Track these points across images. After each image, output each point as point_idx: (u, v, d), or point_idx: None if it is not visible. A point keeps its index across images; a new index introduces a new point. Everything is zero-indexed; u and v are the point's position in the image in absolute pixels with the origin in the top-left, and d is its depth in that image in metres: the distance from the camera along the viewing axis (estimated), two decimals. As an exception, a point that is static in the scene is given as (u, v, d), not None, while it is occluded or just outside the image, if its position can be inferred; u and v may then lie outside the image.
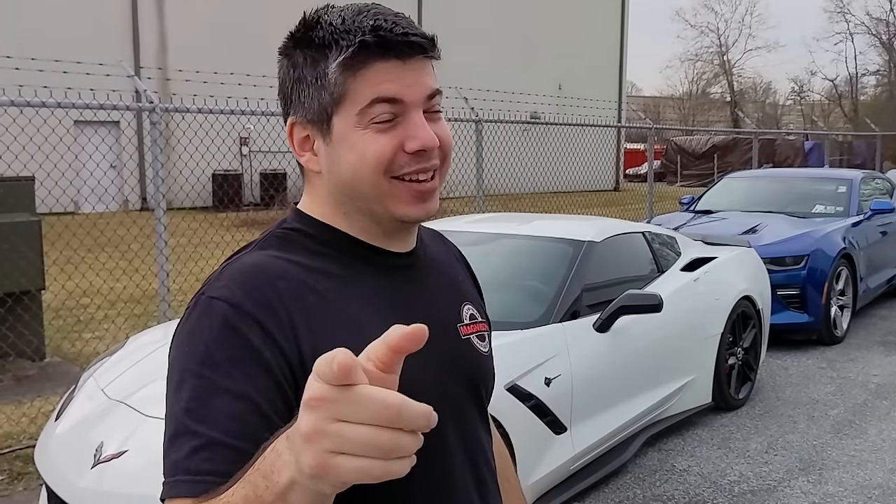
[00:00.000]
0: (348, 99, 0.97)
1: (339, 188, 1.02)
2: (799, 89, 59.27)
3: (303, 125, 1.02)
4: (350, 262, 1.03)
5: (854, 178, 8.69)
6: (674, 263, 5.25)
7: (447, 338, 1.10)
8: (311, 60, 0.98)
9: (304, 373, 0.87)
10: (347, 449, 0.61)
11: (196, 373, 0.89)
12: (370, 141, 0.97)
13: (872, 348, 6.92)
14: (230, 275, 0.96)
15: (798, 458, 4.55)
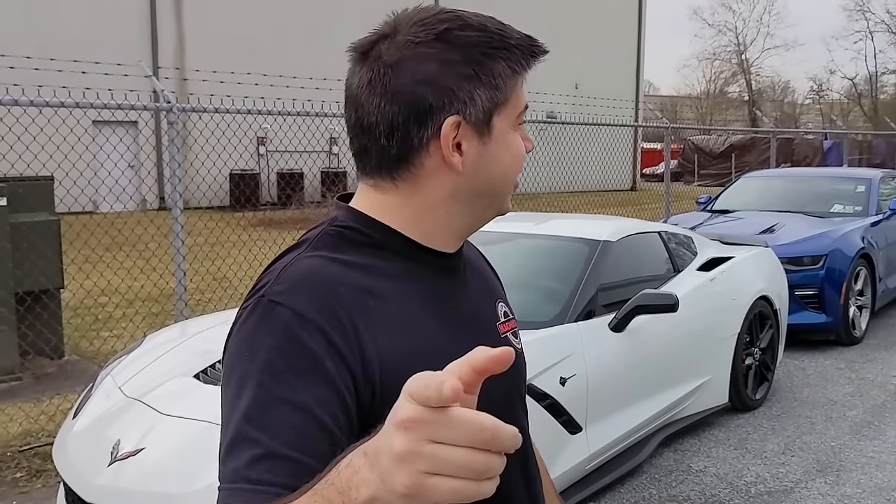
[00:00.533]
0: (510, 102, 1.01)
1: (475, 188, 1.02)
2: (818, 88, 58.81)
3: (463, 124, 0.99)
4: (403, 262, 1.03)
5: (873, 178, 8.61)
6: (690, 263, 5.22)
7: (491, 337, 1.11)
8: (483, 59, 0.98)
9: (367, 380, 0.91)
10: (442, 470, 0.62)
11: (257, 380, 0.88)
12: (518, 142, 1.04)
13: (892, 349, 6.86)
14: (290, 279, 0.95)
15: (815, 460, 4.52)
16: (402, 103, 0.97)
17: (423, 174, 1.00)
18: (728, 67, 58.51)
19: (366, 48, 1.00)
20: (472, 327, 1.08)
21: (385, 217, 1.03)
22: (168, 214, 5.59)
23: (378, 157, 1.01)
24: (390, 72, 0.97)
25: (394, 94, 0.97)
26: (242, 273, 7.62)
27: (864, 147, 28.89)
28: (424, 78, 0.96)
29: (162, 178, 18.65)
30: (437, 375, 0.62)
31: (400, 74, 0.97)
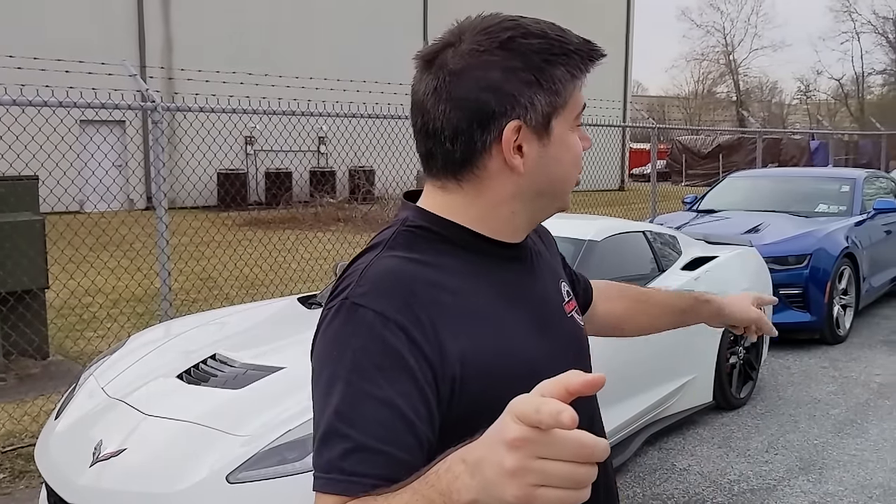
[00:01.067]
0: (569, 104, 1.05)
1: (537, 188, 1.08)
2: (805, 89, 59.10)
3: (523, 128, 1.04)
4: (473, 256, 1.09)
5: (857, 178, 8.66)
6: (674, 262, 5.25)
7: (562, 321, 1.19)
8: (541, 66, 1.03)
9: (446, 373, 0.98)
10: (549, 482, 0.71)
11: (345, 379, 0.95)
12: (576, 142, 1.08)
13: (875, 348, 6.90)
14: (370, 280, 1.01)
15: (798, 458, 4.54)
16: (465, 109, 1.02)
17: (486, 176, 1.06)
18: (716, 68, 58.76)
19: (431, 56, 1.05)
20: (542, 314, 1.15)
21: (453, 216, 1.09)
22: (154, 214, 5.57)
23: (443, 161, 1.06)
24: (455, 79, 1.02)
25: (458, 100, 1.02)
26: (228, 273, 7.60)
27: (851, 147, 29.06)
28: (488, 85, 1.01)
29: (149, 177, 18.57)
30: (549, 402, 0.70)
31: (464, 81, 1.02)
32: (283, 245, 8.29)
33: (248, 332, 4.15)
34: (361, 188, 16.58)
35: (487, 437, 0.75)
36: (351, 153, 9.36)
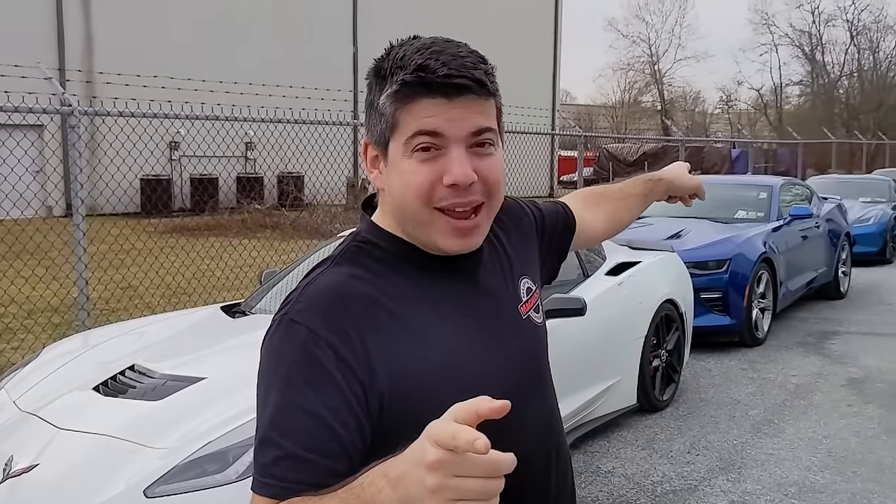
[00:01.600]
0: (398, 128, 1.07)
1: (395, 207, 1.12)
2: (726, 98, 60.94)
3: (372, 146, 1.13)
4: (418, 271, 1.13)
5: (774, 185, 8.96)
6: (599, 268, 5.33)
7: (512, 327, 1.21)
8: (377, 89, 1.09)
9: (375, 389, 1.04)
10: (466, 496, 0.79)
11: (279, 390, 1.03)
12: (414, 169, 1.07)
13: (792, 349, 7.15)
14: (310, 298, 1.08)
15: (719, 458, 4.66)
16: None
17: (379, 190, 1.16)
18: (642, 77, 60.13)
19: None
20: (490, 323, 1.18)
21: (393, 228, 1.14)
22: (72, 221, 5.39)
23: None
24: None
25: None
26: (149, 281, 7.41)
27: (770, 155, 30.08)
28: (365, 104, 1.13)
29: (68, 183, 17.97)
30: (464, 431, 0.77)
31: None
32: (207, 252, 8.12)
33: (169, 341, 4.05)
34: (290, 194, 16.40)
35: (408, 456, 0.83)
36: (279, 159, 9.24)
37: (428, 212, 1.07)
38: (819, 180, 15.37)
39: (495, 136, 1.10)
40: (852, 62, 55.91)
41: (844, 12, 56.06)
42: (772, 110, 57.90)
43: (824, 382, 6.12)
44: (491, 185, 1.09)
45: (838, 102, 54.64)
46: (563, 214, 1.52)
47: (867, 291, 10.06)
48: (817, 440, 4.90)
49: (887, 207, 13.01)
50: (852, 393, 5.84)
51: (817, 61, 56.30)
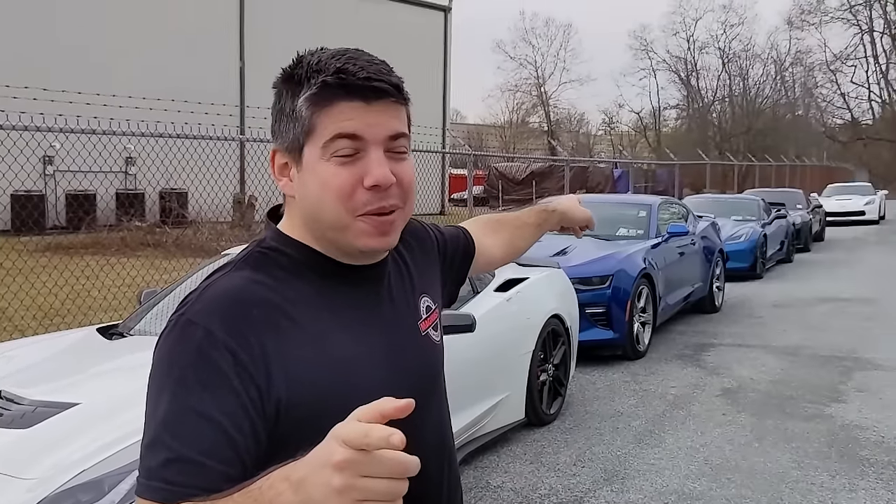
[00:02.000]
0: (315, 132, 1.07)
1: (308, 213, 1.11)
2: (609, 121, 63.28)
3: (282, 153, 1.12)
4: (322, 280, 1.13)
5: (653, 204, 9.34)
6: (488, 284, 5.40)
7: (411, 341, 1.23)
8: (290, 94, 1.09)
9: (272, 395, 1.02)
10: (372, 497, 0.80)
11: (172, 391, 1.00)
12: (333, 172, 1.07)
13: (671, 361, 7.43)
14: (208, 300, 1.06)
15: (603, 469, 4.78)
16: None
17: (287, 198, 1.15)
18: (529, 99, 61.73)
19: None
20: (389, 335, 1.19)
21: (301, 237, 1.14)
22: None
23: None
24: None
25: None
26: (19, 303, 7.01)
27: (649, 175, 31.33)
28: (271, 113, 1.13)
29: (-71, 198, 16.79)
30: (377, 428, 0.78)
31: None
32: (83, 272, 7.75)
33: (40, 366, 3.83)
34: (173, 211, 15.88)
35: (311, 459, 0.83)
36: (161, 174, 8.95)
37: (349, 216, 1.08)
38: (694, 199, 16.14)
39: (409, 142, 1.13)
40: (724, 88, 59.26)
41: (717, 40, 59.55)
42: (651, 132, 60.55)
43: (701, 393, 6.38)
44: (407, 189, 1.12)
45: (711, 126, 57.69)
46: (464, 239, 1.56)
47: (739, 305, 10.60)
48: (695, 449, 5.10)
49: (757, 226, 13.78)
50: (727, 402, 6.12)
51: (692, 86, 59.33)
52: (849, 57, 58.91)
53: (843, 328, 8.88)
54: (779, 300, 10.92)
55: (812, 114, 60.41)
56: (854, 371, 6.98)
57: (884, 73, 59.14)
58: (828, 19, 58.39)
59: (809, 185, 31.11)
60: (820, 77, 59.95)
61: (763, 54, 58.71)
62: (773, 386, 6.54)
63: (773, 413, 5.82)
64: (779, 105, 58.21)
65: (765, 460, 4.89)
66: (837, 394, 6.30)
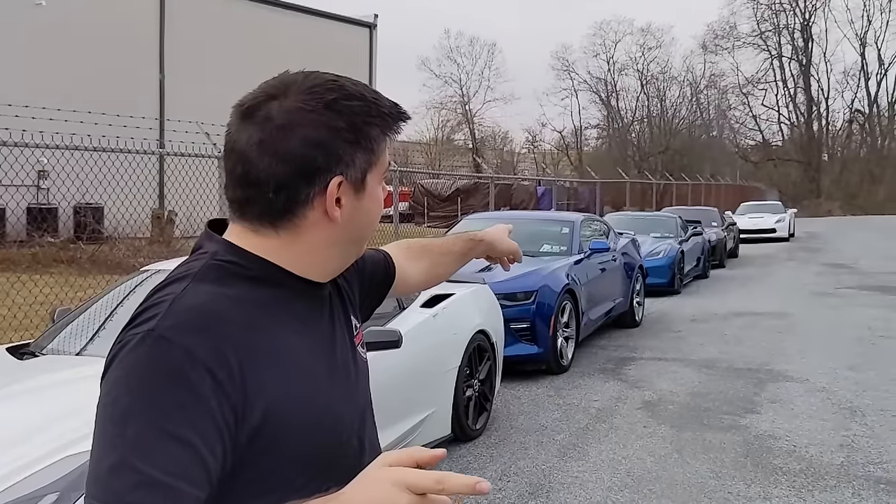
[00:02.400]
0: (380, 161, 1.15)
1: (350, 236, 1.16)
2: (532, 139, 64.28)
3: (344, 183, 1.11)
4: (282, 293, 1.13)
5: (575, 221, 9.52)
6: (414, 300, 5.40)
7: (352, 358, 1.25)
8: (362, 127, 1.11)
9: (247, 414, 1.01)
10: None
11: (143, 412, 0.96)
12: (381, 194, 1.19)
13: (594, 375, 7.56)
14: (181, 315, 1.02)
15: (528, 483, 4.82)
16: (292, 164, 1.07)
17: (305, 225, 1.12)
18: (454, 116, 62.19)
19: (253, 107, 1.10)
20: (338, 349, 1.21)
21: (266, 256, 1.13)
22: None
23: (262, 208, 1.10)
24: (282, 134, 1.07)
25: (285, 154, 1.07)
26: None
27: (571, 193, 31.96)
28: (315, 142, 1.08)
29: None
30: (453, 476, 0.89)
31: (291, 137, 1.07)
32: (-9, 289, 7.43)
33: (-58, 388, 3.64)
34: (88, 226, 15.37)
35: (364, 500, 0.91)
36: (76, 189, 8.67)
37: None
38: (615, 217, 16.53)
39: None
40: (643, 109, 60.93)
41: (635, 63, 61.05)
42: (573, 151, 61.75)
43: (622, 406, 6.51)
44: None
45: (631, 145, 59.23)
46: (384, 263, 1.58)
47: (659, 320, 10.87)
48: (617, 461, 5.19)
49: (675, 242, 14.18)
50: (647, 415, 6.25)
51: (612, 107, 60.86)
52: (760, 81, 61.55)
53: (757, 341, 9.20)
54: (696, 315, 11.25)
55: (726, 135, 62.65)
56: (767, 382, 7.23)
57: (792, 96, 61.94)
58: (740, 44, 60.98)
59: (724, 204, 32.22)
60: (733, 99, 62.41)
61: (679, 77, 60.76)
62: (691, 398, 6.72)
63: (692, 424, 5.98)
64: (694, 126, 60.25)
65: (684, 471, 5.01)
66: (752, 405, 6.51)
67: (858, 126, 62.11)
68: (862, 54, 59.55)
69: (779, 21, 60.62)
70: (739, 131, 63.61)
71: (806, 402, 6.56)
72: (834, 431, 5.80)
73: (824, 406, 6.46)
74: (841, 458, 5.23)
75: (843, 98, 66.02)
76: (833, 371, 7.64)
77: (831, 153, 63.10)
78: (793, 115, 62.41)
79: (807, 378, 7.37)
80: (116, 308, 4.42)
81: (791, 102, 62.00)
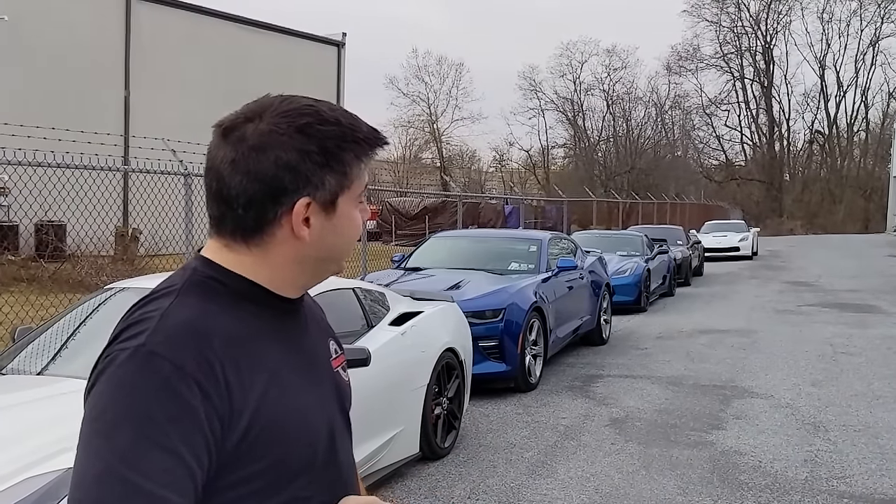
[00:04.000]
0: (355, 184, 1.18)
1: (318, 255, 1.19)
2: (500, 158, 64.57)
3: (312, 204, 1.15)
4: (259, 309, 1.17)
5: (543, 239, 9.57)
6: (383, 318, 5.38)
7: (328, 373, 1.29)
8: (334, 151, 1.15)
9: (233, 425, 1.05)
10: None
11: (134, 425, 0.99)
12: (357, 216, 1.21)
13: (561, 393, 7.58)
14: (170, 330, 1.06)
15: (498, 501, 4.81)
16: (262, 183, 1.12)
17: (274, 242, 1.16)
18: (422, 135, 62.30)
19: (230, 128, 1.15)
20: (314, 364, 1.25)
21: (242, 272, 1.17)
22: None
23: (234, 225, 1.15)
24: (254, 154, 1.12)
25: (256, 174, 1.12)
26: None
27: (539, 211, 32.14)
28: (285, 164, 1.12)
29: None
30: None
31: (262, 158, 1.12)
32: (-50, 308, 7.27)
33: None
34: (50, 244, 15.12)
35: None
36: (38, 206, 8.54)
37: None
38: (582, 235, 16.65)
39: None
40: (609, 128, 61.61)
41: (601, 83, 61.75)
42: (540, 170, 62.16)
43: (590, 423, 6.53)
44: None
45: (597, 164, 59.81)
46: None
47: (625, 338, 10.94)
48: (586, 478, 5.20)
49: (641, 261, 14.31)
50: (615, 432, 6.28)
51: (579, 126, 61.45)
52: (723, 102, 62.65)
53: (722, 358, 9.30)
54: (662, 332, 11.35)
55: (690, 154, 63.60)
56: (733, 399, 7.31)
57: (754, 117, 63.16)
58: (703, 66, 62.05)
59: (688, 222, 32.64)
60: (697, 120, 63.43)
61: (644, 97, 61.57)
62: (658, 415, 6.77)
63: (659, 441, 6.02)
64: (660, 146, 61.03)
65: (652, 487, 5.03)
66: (718, 421, 6.57)
67: (818, 147, 63.45)
68: (821, 76, 61.06)
69: (741, 43, 61.92)
70: (703, 151, 64.67)
71: (771, 418, 6.64)
72: (798, 447, 5.87)
73: (788, 422, 6.55)
74: (805, 473, 5.29)
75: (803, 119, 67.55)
76: (797, 387, 7.74)
77: (792, 173, 64.34)
78: (755, 135, 63.66)
79: (771, 394, 7.46)
80: (79, 327, 4.35)
81: (753, 123, 63.24)
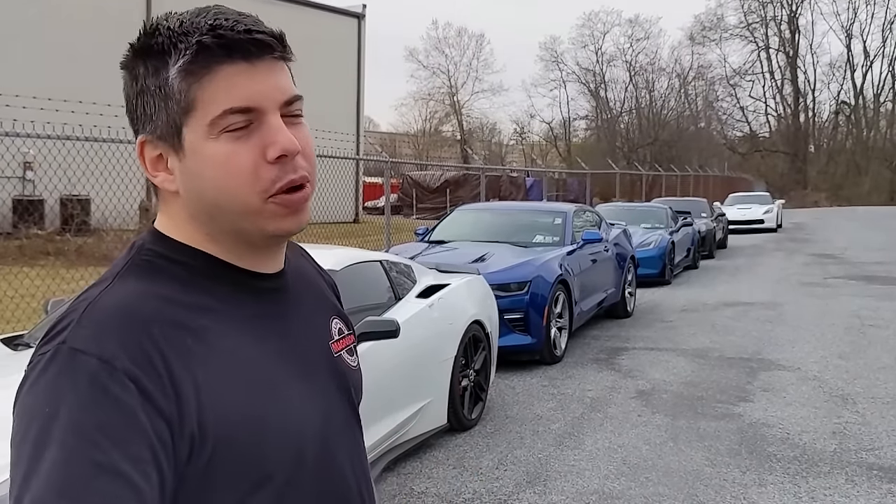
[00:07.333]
0: (197, 108, 0.90)
1: (201, 208, 0.95)
2: (520, 130, 64.26)
3: (153, 143, 0.94)
4: (223, 289, 0.97)
5: (568, 212, 9.52)
6: (410, 291, 5.39)
7: (322, 358, 1.08)
8: (153, 69, 0.92)
9: (183, 426, 0.85)
10: None
11: (60, 441, 0.80)
12: (230, 151, 0.91)
13: (587, 366, 7.58)
14: (95, 320, 0.87)
15: (525, 472, 4.83)
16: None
17: (164, 195, 0.98)
18: (442, 108, 62.08)
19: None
20: (302, 349, 1.04)
21: (190, 240, 0.97)
22: None
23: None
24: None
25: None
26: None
27: (560, 184, 32.01)
28: (125, 99, 0.95)
29: None
30: None
31: (124, 94, 0.96)
32: (-19, 281, 7.38)
33: (-62, 379, 3.61)
34: (75, 219, 15.27)
35: None
36: (63, 180, 8.60)
37: (258, 200, 0.93)
38: (606, 207, 16.57)
39: (302, 103, 0.97)
40: (631, 100, 61.03)
41: (624, 54, 61.08)
42: (561, 142, 61.77)
43: (617, 395, 6.53)
44: (311, 158, 0.97)
45: (620, 136, 59.33)
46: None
47: (650, 311, 10.90)
48: (613, 449, 5.21)
49: (665, 233, 14.22)
50: (642, 404, 6.28)
51: (601, 98, 60.91)
52: (747, 72, 61.71)
53: (747, 331, 9.25)
54: (687, 305, 11.30)
55: (713, 126, 62.85)
56: (759, 371, 7.27)
57: (779, 88, 62.19)
58: (727, 36, 61.12)
59: (712, 195, 32.34)
60: (720, 91, 62.57)
61: (667, 68, 60.85)
62: (684, 387, 6.75)
63: (686, 413, 6.01)
64: (682, 117, 60.38)
65: (679, 459, 5.03)
66: (745, 393, 6.55)
67: (844, 118, 62.48)
68: (848, 46, 59.92)
69: (766, 13, 60.85)
70: (727, 122, 63.85)
71: (798, 391, 6.60)
72: (826, 419, 5.84)
73: (816, 394, 6.51)
74: (834, 445, 5.27)
75: (829, 90, 66.29)
76: (824, 359, 7.69)
77: (818, 144, 63.48)
78: (780, 106, 62.73)
79: (798, 367, 7.42)
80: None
81: (778, 94, 62.28)
